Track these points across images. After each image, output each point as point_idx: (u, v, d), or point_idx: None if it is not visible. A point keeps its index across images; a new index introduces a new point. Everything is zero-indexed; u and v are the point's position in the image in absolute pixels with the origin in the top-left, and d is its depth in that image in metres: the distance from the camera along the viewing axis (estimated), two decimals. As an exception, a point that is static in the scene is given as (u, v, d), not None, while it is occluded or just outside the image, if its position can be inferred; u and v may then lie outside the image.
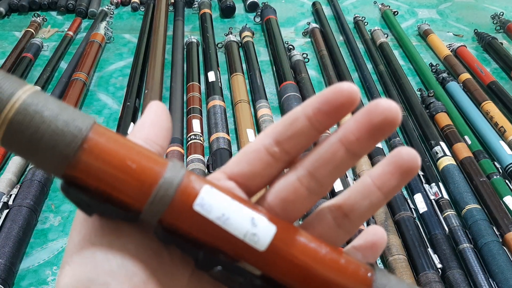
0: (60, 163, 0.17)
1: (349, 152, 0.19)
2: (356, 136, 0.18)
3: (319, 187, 0.19)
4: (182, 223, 0.18)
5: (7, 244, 0.60)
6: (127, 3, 1.34)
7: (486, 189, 0.74)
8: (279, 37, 1.12)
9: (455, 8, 1.44)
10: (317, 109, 0.18)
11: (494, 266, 0.62)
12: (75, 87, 0.90)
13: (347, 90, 0.18)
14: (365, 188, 0.19)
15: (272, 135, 0.19)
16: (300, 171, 0.19)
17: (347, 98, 0.18)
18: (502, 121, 0.89)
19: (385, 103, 0.18)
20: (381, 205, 0.19)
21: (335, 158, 0.19)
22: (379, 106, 0.18)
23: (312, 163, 0.19)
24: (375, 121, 0.18)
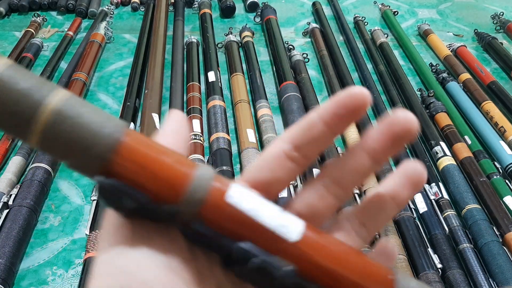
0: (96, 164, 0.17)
1: (373, 160, 0.20)
2: (379, 145, 0.19)
3: (345, 194, 0.20)
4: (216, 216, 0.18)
5: (7, 244, 0.60)
6: (127, 3, 1.34)
7: (486, 189, 0.74)
8: (279, 37, 1.12)
9: (455, 8, 1.44)
10: (333, 113, 0.19)
11: (494, 266, 0.62)
12: (75, 87, 0.90)
13: (360, 93, 0.19)
14: (380, 199, 0.20)
15: (291, 141, 0.20)
16: (326, 179, 0.20)
17: (361, 101, 0.19)
18: (502, 121, 0.89)
19: (404, 115, 0.19)
20: (394, 215, 0.21)
21: (360, 166, 0.20)
22: (400, 117, 0.19)
23: (338, 170, 0.20)
24: (397, 131, 0.19)
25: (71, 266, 0.63)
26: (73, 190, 0.75)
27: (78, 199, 0.73)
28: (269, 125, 0.85)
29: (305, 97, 0.93)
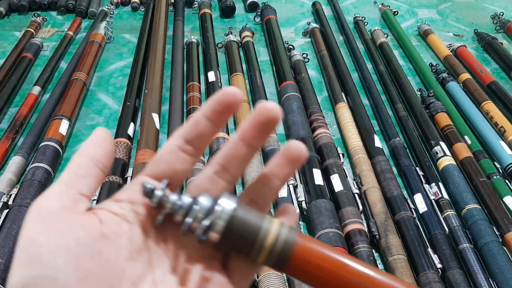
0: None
1: (248, 146, 0.24)
2: (251, 134, 0.23)
3: (232, 177, 0.24)
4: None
5: (7, 244, 0.60)
6: (127, 3, 1.34)
7: (486, 189, 0.74)
8: (279, 37, 1.12)
9: (455, 8, 1.44)
10: (213, 110, 0.23)
11: (494, 266, 0.62)
12: (75, 87, 0.90)
13: (232, 92, 0.23)
14: (264, 177, 0.25)
15: (182, 136, 0.24)
16: (215, 166, 0.24)
17: (232, 98, 0.23)
18: (502, 121, 0.89)
19: (267, 106, 0.23)
20: (278, 189, 0.25)
21: (239, 153, 0.24)
22: (263, 109, 0.23)
23: (222, 159, 0.24)
24: (262, 120, 0.23)
25: (71, 266, 0.63)
26: (73, 190, 0.75)
27: (78, 199, 0.73)
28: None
29: (305, 97, 0.93)
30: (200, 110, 0.24)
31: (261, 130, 0.23)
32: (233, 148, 0.24)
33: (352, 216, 0.67)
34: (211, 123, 0.24)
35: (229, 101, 0.23)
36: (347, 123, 0.87)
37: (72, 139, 0.85)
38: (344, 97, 0.95)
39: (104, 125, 0.89)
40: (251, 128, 0.23)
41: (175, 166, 0.24)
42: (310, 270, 0.22)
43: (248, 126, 0.23)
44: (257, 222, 0.22)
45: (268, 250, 0.22)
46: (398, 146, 0.83)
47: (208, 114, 0.23)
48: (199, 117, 0.24)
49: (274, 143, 0.80)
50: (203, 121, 0.24)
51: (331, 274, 0.22)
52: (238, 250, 0.23)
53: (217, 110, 0.23)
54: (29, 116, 0.88)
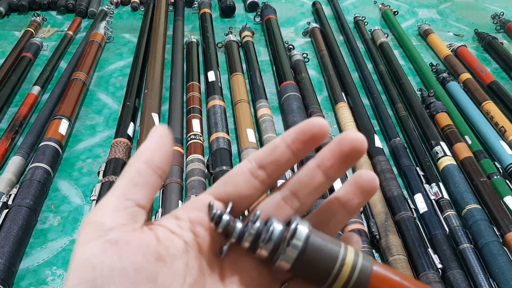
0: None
1: (325, 175, 0.22)
2: (330, 162, 0.22)
3: (301, 205, 0.23)
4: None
5: (7, 244, 0.60)
6: (127, 3, 1.34)
7: (487, 189, 0.74)
8: (279, 37, 1.12)
9: (455, 8, 1.44)
10: (295, 138, 0.22)
11: (494, 267, 0.62)
12: (75, 86, 0.90)
13: (319, 123, 0.22)
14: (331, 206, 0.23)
15: (256, 160, 0.22)
16: (284, 191, 0.23)
17: (319, 130, 0.21)
18: (502, 121, 0.89)
19: (352, 135, 0.21)
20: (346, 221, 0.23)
21: (313, 181, 0.22)
22: (348, 137, 0.21)
23: (294, 184, 0.22)
24: (345, 149, 0.21)
25: (71, 266, 0.63)
26: (72, 190, 0.75)
27: (77, 199, 0.73)
28: (269, 125, 0.85)
29: (305, 97, 0.93)
30: (282, 136, 0.22)
31: (343, 160, 0.22)
32: (307, 175, 0.22)
33: (352, 216, 0.67)
34: (290, 151, 0.22)
35: (315, 133, 0.21)
36: (347, 123, 0.87)
37: (72, 139, 0.85)
38: (344, 97, 0.95)
39: (104, 125, 0.89)
40: (332, 157, 0.22)
41: (243, 190, 0.22)
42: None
43: (328, 154, 0.22)
44: (334, 248, 0.21)
45: (345, 279, 0.21)
46: (398, 146, 0.83)
47: (289, 141, 0.22)
48: (279, 142, 0.22)
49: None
50: (282, 148, 0.22)
51: None
52: (310, 278, 0.22)
53: (300, 140, 0.22)
54: (29, 116, 0.88)
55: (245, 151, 0.77)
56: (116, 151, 0.76)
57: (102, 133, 0.87)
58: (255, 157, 0.22)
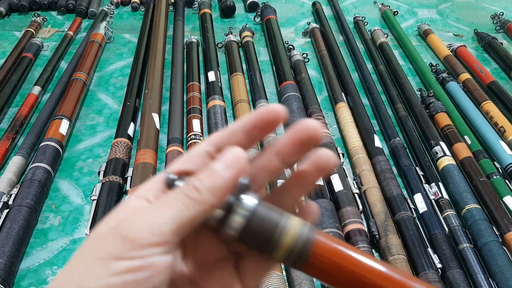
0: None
1: (282, 161, 0.23)
2: (287, 149, 0.23)
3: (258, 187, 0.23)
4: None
5: (7, 244, 0.60)
6: (127, 3, 1.34)
7: (486, 189, 0.74)
8: (279, 37, 1.13)
9: (455, 8, 1.44)
10: (253, 124, 0.23)
11: (494, 266, 0.62)
12: (75, 87, 0.90)
13: (276, 110, 0.22)
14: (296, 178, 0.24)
15: (214, 143, 0.23)
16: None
17: (275, 116, 0.22)
18: (502, 121, 0.89)
19: (309, 123, 0.22)
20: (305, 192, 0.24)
21: (271, 166, 0.23)
22: (304, 125, 0.22)
23: (252, 169, 0.23)
24: (301, 137, 0.22)
25: (71, 266, 0.63)
26: (73, 190, 0.75)
27: (78, 199, 0.73)
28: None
29: (305, 97, 0.93)
30: (239, 121, 0.23)
31: (299, 147, 0.22)
32: (265, 160, 0.23)
33: (352, 216, 0.67)
34: (247, 137, 0.23)
35: (271, 119, 0.22)
36: (347, 123, 0.88)
37: (72, 139, 0.85)
38: (344, 97, 0.95)
39: (105, 125, 0.89)
40: (289, 144, 0.22)
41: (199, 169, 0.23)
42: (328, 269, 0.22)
43: (286, 141, 0.23)
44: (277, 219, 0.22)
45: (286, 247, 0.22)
46: (398, 146, 0.83)
47: (247, 127, 0.23)
48: (237, 128, 0.23)
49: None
50: (239, 133, 0.23)
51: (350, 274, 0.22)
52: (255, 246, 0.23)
53: (257, 126, 0.23)
54: (29, 116, 0.88)
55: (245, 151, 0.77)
56: (116, 151, 0.76)
57: (102, 133, 0.87)
58: (213, 140, 0.23)
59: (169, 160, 0.75)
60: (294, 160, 0.23)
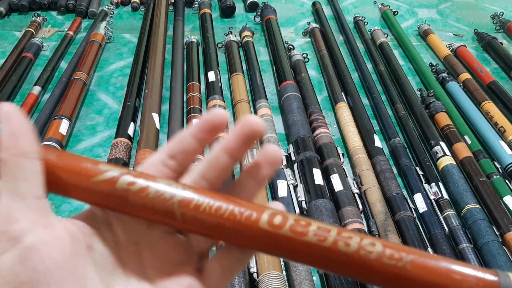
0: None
1: (230, 156, 0.24)
2: (234, 144, 0.24)
3: (210, 186, 0.24)
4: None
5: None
6: (127, 3, 1.34)
7: (486, 189, 0.74)
8: (279, 37, 1.13)
9: (455, 8, 1.44)
10: (200, 128, 0.24)
11: (494, 266, 0.62)
12: (75, 87, 0.90)
13: (219, 114, 0.24)
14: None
15: (166, 151, 0.25)
16: (194, 175, 0.25)
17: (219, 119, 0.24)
18: (502, 121, 0.89)
19: (252, 118, 0.24)
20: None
21: (220, 162, 0.24)
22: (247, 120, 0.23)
23: (203, 168, 0.24)
24: (246, 131, 0.23)
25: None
26: (73, 189, 0.75)
27: (78, 198, 0.73)
28: (269, 125, 0.85)
29: (305, 97, 0.93)
30: (188, 128, 0.25)
31: (244, 141, 0.24)
32: (214, 158, 0.24)
33: (352, 216, 0.67)
34: (196, 140, 0.24)
35: (216, 122, 0.24)
36: (347, 123, 0.88)
37: (72, 139, 0.85)
38: (344, 97, 0.95)
39: (105, 125, 0.89)
40: (235, 139, 0.24)
41: None
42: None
43: (231, 137, 0.24)
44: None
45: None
46: (398, 146, 0.83)
47: (195, 132, 0.24)
48: (186, 134, 0.24)
49: (274, 143, 0.80)
50: (188, 138, 0.24)
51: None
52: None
53: (203, 129, 0.24)
54: (29, 116, 0.88)
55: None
56: (116, 151, 0.76)
57: (102, 133, 0.87)
58: (165, 149, 0.25)
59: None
60: (240, 154, 0.24)
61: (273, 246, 0.22)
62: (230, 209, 0.22)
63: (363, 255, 0.21)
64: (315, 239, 0.22)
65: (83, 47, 1.05)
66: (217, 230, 0.22)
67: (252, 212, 0.22)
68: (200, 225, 0.22)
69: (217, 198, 0.23)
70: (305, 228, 0.22)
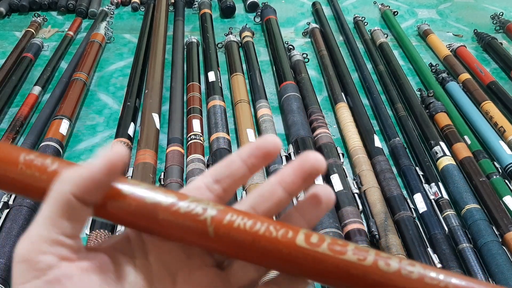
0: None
1: (285, 191, 0.23)
2: (291, 179, 0.22)
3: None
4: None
5: (8, 244, 0.60)
6: (127, 3, 1.34)
7: (486, 189, 0.74)
8: (279, 37, 1.13)
9: (455, 8, 1.44)
10: (250, 154, 0.23)
11: (493, 266, 0.62)
12: (76, 87, 0.90)
13: (273, 140, 0.23)
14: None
15: (212, 175, 0.23)
16: (243, 206, 0.23)
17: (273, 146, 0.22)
18: (501, 121, 0.89)
19: (313, 155, 0.22)
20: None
21: (274, 196, 0.23)
22: (309, 157, 0.22)
23: (254, 199, 0.23)
24: (306, 168, 0.22)
25: (72, 266, 0.63)
26: (73, 190, 0.75)
27: (78, 198, 0.73)
28: (269, 125, 0.85)
29: (305, 97, 0.93)
30: (237, 151, 0.23)
31: (304, 178, 0.22)
32: (268, 191, 0.23)
33: (352, 216, 0.67)
34: (245, 165, 0.23)
35: (269, 149, 0.22)
36: (347, 123, 0.88)
37: (73, 139, 0.85)
38: (344, 97, 0.95)
39: (105, 125, 0.89)
40: (293, 174, 0.22)
41: None
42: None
43: (290, 171, 0.22)
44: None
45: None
46: (398, 146, 0.83)
47: (245, 157, 0.23)
48: (235, 157, 0.23)
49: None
50: (237, 163, 0.23)
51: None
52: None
53: (255, 155, 0.23)
54: (30, 116, 0.88)
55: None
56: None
57: (102, 133, 0.87)
58: (211, 172, 0.23)
59: (169, 160, 0.75)
60: (297, 191, 0.23)
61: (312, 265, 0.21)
62: (266, 226, 0.21)
63: (404, 274, 0.20)
64: (354, 257, 0.21)
65: (83, 47, 1.06)
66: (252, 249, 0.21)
67: (288, 230, 0.21)
68: (234, 243, 0.21)
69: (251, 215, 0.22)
70: (343, 247, 0.21)
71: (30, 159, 0.21)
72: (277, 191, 0.23)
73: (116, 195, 0.21)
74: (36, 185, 0.21)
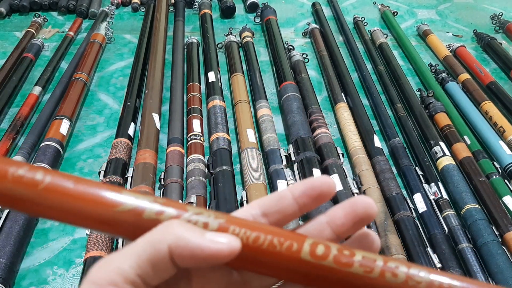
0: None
1: (334, 233, 0.22)
2: (342, 221, 0.21)
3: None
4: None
5: (8, 244, 0.60)
6: (128, 4, 1.34)
7: (486, 189, 0.74)
8: (279, 38, 1.13)
9: (455, 9, 1.45)
10: (303, 192, 0.22)
11: (493, 266, 0.62)
12: (76, 87, 0.90)
13: (329, 182, 0.22)
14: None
15: (260, 207, 0.22)
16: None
17: (328, 188, 0.22)
18: (501, 121, 0.89)
19: (367, 199, 0.21)
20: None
21: (322, 236, 0.22)
22: (362, 201, 0.21)
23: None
24: (359, 211, 0.21)
25: (72, 266, 0.64)
26: (73, 190, 0.75)
27: (78, 198, 0.73)
28: (269, 125, 0.85)
29: (304, 97, 0.93)
30: (290, 187, 0.22)
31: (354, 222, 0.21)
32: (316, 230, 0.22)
33: (351, 216, 0.67)
34: (296, 204, 0.22)
35: (324, 190, 0.22)
36: (347, 123, 0.88)
37: (73, 139, 0.85)
38: (344, 97, 0.95)
39: (105, 125, 0.89)
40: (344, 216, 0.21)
41: None
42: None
43: (340, 213, 0.22)
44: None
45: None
46: (398, 146, 0.83)
47: (297, 194, 0.22)
48: (287, 193, 0.22)
49: (274, 143, 0.80)
50: (288, 199, 0.22)
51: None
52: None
53: (308, 195, 0.22)
54: (30, 116, 0.88)
55: (245, 151, 0.78)
56: (116, 151, 0.76)
57: (102, 133, 0.87)
58: (260, 204, 0.22)
59: (169, 160, 0.76)
60: (346, 234, 0.22)
61: (316, 279, 0.20)
62: (269, 239, 0.20)
63: (411, 286, 0.20)
64: (361, 270, 0.20)
65: (84, 47, 1.06)
66: (255, 262, 0.21)
67: (293, 242, 0.20)
68: (237, 257, 0.20)
69: (255, 226, 0.21)
70: (350, 258, 0.20)
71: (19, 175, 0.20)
72: (325, 231, 0.22)
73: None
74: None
